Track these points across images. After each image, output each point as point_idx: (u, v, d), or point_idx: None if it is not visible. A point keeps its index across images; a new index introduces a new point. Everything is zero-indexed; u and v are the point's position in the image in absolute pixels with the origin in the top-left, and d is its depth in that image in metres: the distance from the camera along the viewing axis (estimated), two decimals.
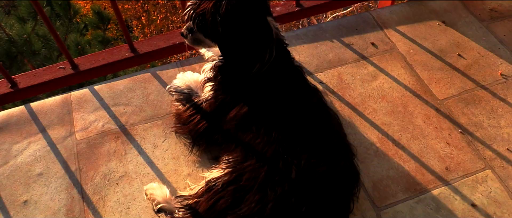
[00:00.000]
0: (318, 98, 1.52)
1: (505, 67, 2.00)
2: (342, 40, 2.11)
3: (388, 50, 2.07)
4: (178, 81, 1.74)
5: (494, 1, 2.33)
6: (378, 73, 1.97)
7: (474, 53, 2.06)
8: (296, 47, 2.07)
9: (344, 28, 2.17)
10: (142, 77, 1.96)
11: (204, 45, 1.54)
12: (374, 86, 1.92)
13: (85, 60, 1.98)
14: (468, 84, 1.93)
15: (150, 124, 1.79)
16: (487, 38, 2.13)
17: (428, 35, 2.14)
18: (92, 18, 4.85)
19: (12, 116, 1.84)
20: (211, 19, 1.29)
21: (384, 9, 2.28)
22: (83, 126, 1.80)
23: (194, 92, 1.65)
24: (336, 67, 2.00)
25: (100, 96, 1.90)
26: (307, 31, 2.15)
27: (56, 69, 1.96)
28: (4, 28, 4.08)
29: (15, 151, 1.72)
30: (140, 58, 1.98)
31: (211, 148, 1.63)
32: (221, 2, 1.25)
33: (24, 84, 1.92)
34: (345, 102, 1.86)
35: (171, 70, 1.98)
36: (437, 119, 1.79)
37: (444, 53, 2.06)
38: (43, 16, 1.74)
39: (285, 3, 2.17)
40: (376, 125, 1.77)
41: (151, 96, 1.89)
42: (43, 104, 1.88)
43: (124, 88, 1.93)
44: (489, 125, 1.78)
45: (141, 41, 2.02)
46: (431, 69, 1.99)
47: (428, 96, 1.88)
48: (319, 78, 1.95)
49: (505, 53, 2.06)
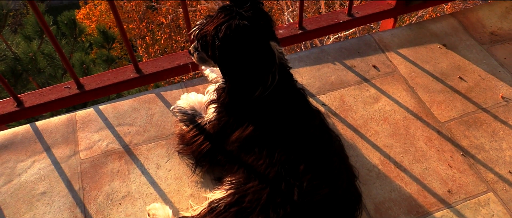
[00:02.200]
0: (320, 120, 1.53)
1: (506, 90, 2.02)
2: (344, 62, 2.14)
3: (389, 73, 2.10)
4: (182, 102, 1.76)
5: (494, 25, 2.36)
6: (380, 95, 1.99)
7: (475, 76, 2.09)
8: (299, 69, 2.10)
9: (346, 50, 2.20)
10: (146, 97, 1.99)
11: (209, 64, 1.57)
12: (376, 109, 1.94)
13: (90, 80, 2.01)
14: (469, 107, 1.95)
15: (153, 144, 1.80)
16: (487, 61, 2.16)
17: (429, 58, 2.17)
18: (97, 37, 4.91)
19: (17, 135, 1.86)
20: (211, 42, 1.32)
21: (385, 32, 2.32)
22: (87, 145, 1.81)
23: (198, 113, 1.68)
24: (338, 89, 2.02)
25: (104, 116, 1.92)
26: (310, 54, 2.18)
27: (62, 89, 1.99)
28: (10, 46, 4.14)
29: (19, 170, 1.73)
30: (145, 78, 2.01)
31: (214, 169, 1.64)
32: (221, 27, 1.28)
33: (30, 103, 1.95)
34: (347, 124, 1.87)
35: (175, 91, 2.01)
36: (439, 142, 1.80)
37: (445, 76, 2.08)
38: (50, 35, 1.77)
39: (288, 26, 2.21)
40: (378, 147, 1.78)
41: (155, 117, 1.91)
42: (49, 123, 1.90)
43: (129, 108, 1.95)
44: (491, 147, 1.79)
45: (146, 62, 2.06)
46: (432, 91, 2.01)
47: (429, 119, 1.89)
48: (321, 100, 1.97)
49: (506, 76, 2.08)
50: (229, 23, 1.27)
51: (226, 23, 1.27)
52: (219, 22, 1.29)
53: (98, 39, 4.85)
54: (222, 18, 1.30)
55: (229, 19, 1.28)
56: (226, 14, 1.31)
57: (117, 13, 1.82)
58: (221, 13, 1.32)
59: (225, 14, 1.31)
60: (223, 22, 1.28)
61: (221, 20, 1.29)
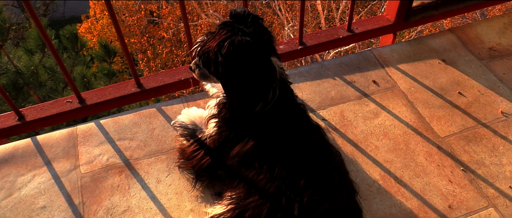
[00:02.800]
0: (320, 135, 1.54)
1: (505, 105, 2.03)
2: (344, 77, 2.15)
3: (389, 88, 2.11)
4: (182, 116, 1.77)
5: (493, 40, 2.38)
6: (380, 110, 2.00)
7: (474, 91, 2.10)
8: (299, 84, 2.11)
9: (346, 66, 2.22)
10: (147, 112, 1.99)
11: (210, 80, 1.59)
12: (376, 124, 1.94)
13: (92, 94, 2.02)
14: (469, 122, 1.96)
15: (154, 159, 1.81)
16: (486, 77, 2.17)
17: (428, 73, 2.18)
18: (98, 51, 4.94)
19: (18, 149, 1.86)
20: (213, 58, 1.33)
21: (385, 48, 2.34)
22: (88, 159, 1.82)
23: (199, 128, 1.68)
24: (338, 105, 2.03)
25: (105, 130, 1.92)
26: (310, 69, 2.19)
27: (63, 103, 2.00)
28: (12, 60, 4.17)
29: (19, 184, 1.73)
30: (146, 93, 2.02)
31: (214, 183, 1.64)
32: (224, 43, 1.29)
33: (32, 117, 1.95)
34: (347, 139, 1.88)
35: (176, 105, 2.02)
36: (439, 157, 1.81)
37: (445, 91, 2.09)
38: (52, 48, 1.79)
39: (289, 41, 2.23)
40: (378, 162, 1.78)
41: (156, 131, 1.92)
42: (49, 137, 1.91)
43: (130, 122, 1.96)
44: (491, 163, 1.79)
45: (147, 76, 2.07)
46: (432, 106, 2.02)
47: (429, 134, 1.90)
48: (321, 115, 1.98)
49: (505, 91, 2.09)
50: (231, 39, 1.28)
51: (228, 39, 1.28)
52: (221, 39, 1.31)
53: (100, 53, 4.89)
54: (224, 34, 1.31)
55: (231, 35, 1.30)
56: (227, 30, 1.32)
57: (119, 28, 1.84)
58: (223, 29, 1.34)
59: (227, 30, 1.33)
60: (226, 39, 1.30)
61: (223, 37, 1.31)
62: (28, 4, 1.60)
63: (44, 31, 1.73)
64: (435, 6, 2.39)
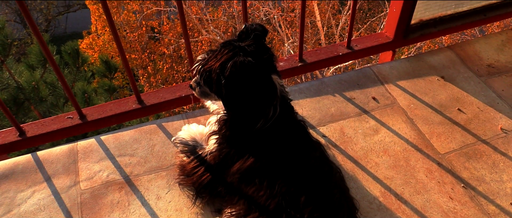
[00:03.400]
0: (320, 152, 1.54)
1: (504, 121, 2.04)
2: (344, 94, 2.17)
3: (389, 105, 2.12)
4: (183, 133, 1.77)
5: (491, 57, 2.40)
6: (380, 127, 2.01)
7: (474, 107, 2.11)
8: (299, 101, 2.12)
9: (345, 82, 2.23)
10: (147, 128, 2.00)
11: (211, 98, 1.59)
12: (376, 140, 1.95)
13: (93, 111, 2.03)
14: (469, 139, 1.96)
15: (154, 175, 1.81)
16: (485, 93, 2.18)
17: (428, 90, 2.19)
18: (99, 67, 4.97)
19: (18, 164, 1.86)
20: (216, 78, 1.34)
21: (384, 65, 2.35)
22: (88, 176, 1.81)
23: (199, 144, 1.69)
24: (338, 121, 2.04)
25: (106, 146, 1.93)
26: (310, 86, 2.20)
27: (64, 119, 2.01)
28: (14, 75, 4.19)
29: (19, 200, 1.73)
30: (146, 109, 2.03)
31: (214, 200, 1.64)
32: (226, 64, 1.30)
33: (32, 133, 1.96)
34: (347, 155, 1.88)
35: (176, 121, 2.02)
36: (439, 173, 1.81)
37: (444, 108, 2.10)
38: (53, 64, 1.80)
39: (289, 58, 2.24)
40: (379, 179, 1.78)
41: (156, 147, 1.92)
42: (50, 153, 1.91)
43: (130, 138, 1.96)
44: (491, 179, 1.79)
45: (148, 93, 2.08)
46: (431, 123, 2.03)
47: (429, 150, 1.90)
48: (321, 132, 1.98)
49: (504, 108, 2.10)
50: (234, 60, 1.28)
51: (231, 60, 1.29)
52: (223, 59, 1.32)
53: (101, 69, 4.91)
54: (226, 53, 1.33)
55: (233, 55, 1.31)
56: (229, 49, 1.34)
57: (120, 44, 1.85)
58: (225, 48, 1.35)
59: (228, 49, 1.34)
60: (228, 59, 1.30)
61: (225, 57, 1.32)
62: (30, 20, 1.62)
63: (46, 47, 1.75)
64: (434, 24, 2.41)
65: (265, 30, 1.41)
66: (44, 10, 15.33)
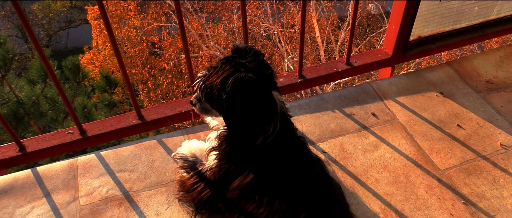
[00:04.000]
0: (320, 168, 1.54)
1: (504, 137, 2.04)
2: (344, 110, 2.17)
3: (388, 121, 2.13)
4: (183, 148, 1.77)
5: (490, 73, 2.42)
6: (380, 143, 2.01)
7: (473, 123, 2.11)
8: (299, 117, 2.13)
9: (345, 98, 2.24)
10: (147, 144, 2.00)
11: (211, 114, 1.60)
12: (376, 156, 1.95)
13: (93, 126, 2.03)
14: (468, 154, 1.96)
15: (154, 191, 1.80)
16: (485, 109, 2.19)
17: (427, 106, 2.20)
18: (100, 82, 4.99)
19: (18, 180, 1.86)
20: (217, 94, 1.35)
21: (383, 81, 2.37)
22: (88, 191, 1.81)
23: (199, 160, 1.69)
24: (338, 137, 2.04)
25: (105, 162, 1.93)
26: (310, 102, 2.21)
27: (64, 134, 2.01)
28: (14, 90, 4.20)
29: (18, 215, 1.72)
30: (147, 125, 2.04)
31: (214, 216, 1.62)
32: (228, 80, 1.31)
33: (32, 148, 1.96)
34: (347, 171, 1.88)
35: (176, 137, 2.03)
36: (439, 190, 1.80)
37: (444, 124, 2.11)
38: (55, 79, 1.81)
39: (289, 74, 2.26)
40: (379, 195, 1.78)
41: (156, 163, 1.92)
42: (50, 169, 1.90)
43: (130, 154, 1.96)
44: (492, 195, 1.78)
45: (148, 108, 2.09)
46: (431, 139, 2.03)
47: (429, 166, 1.90)
48: (321, 148, 1.99)
49: (503, 124, 2.11)
50: (235, 76, 1.29)
51: (232, 76, 1.30)
52: (224, 75, 1.33)
53: (101, 84, 4.93)
54: (227, 70, 1.34)
55: (234, 71, 1.32)
56: (230, 66, 1.35)
57: (121, 59, 1.87)
58: (225, 64, 1.36)
59: (229, 65, 1.35)
60: (229, 75, 1.31)
61: (226, 73, 1.33)
62: (32, 35, 1.63)
63: (48, 62, 1.76)
64: (432, 40, 2.44)
65: (250, 49, 1.42)
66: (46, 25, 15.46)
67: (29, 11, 14.87)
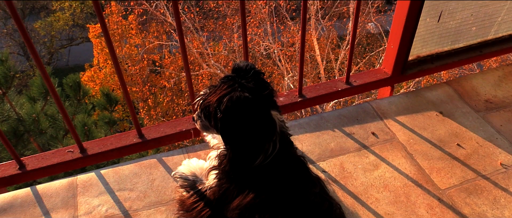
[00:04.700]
0: (320, 187, 1.54)
1: (504, 156, 2.04)
2: (343, 129, 2.18)
3: (388, 140, 2.13)
4: (183, 167, 1.77)
5: (488, 93, 2.43)
6: (380, 162, 2.01)
7: (473, 143, 2.11)
8: (299, 136, 2.13)
9: (345, 117, 2.25)
10: (148, 162, 2.00)
11: (211, 132, 1.60)
12: (376, 176, 1.95)
13: (93, 144, 2.03)
14: (469, 174, 1.96)
15: (153, 210, 1.79)
16: (484, 128, 2.19)
17: (426, 125, 2.21)
18: (100, 100, 5.01)
19: (17, 198, 1.85)
20: (213, 113, 1.36)
21: (383, 100, 2.38)
22: (87, 210, 1.80)
23: (199, 179, 1.68)
24: (338, 156, 2.04)
25: (105, 181, 1.92)
26: (310, 121, 2.22)
27: (65, 152, 2.01)
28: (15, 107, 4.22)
29: None
30: (147, 144, 2.04)
31: None
32: (223, 99, 1.32)
33: (32, 166, 1.96)
34: (347, 191, 1.87)
35: (176, 156, 2.03)
36: (440, 209, 1.79)
37: (444, 143, 2.11)
38: (56, 98, 1.81)
39: (289, 93, 2.27)
40: (379, 215, 1.77)
41: (156, 182, 1.91)
42: (49, 187, 1.90)
43: (130, 173, 1.96)
44: (493, 215, 1.78)
45: (148, 127, 2.10)
46: (431, 158, 2.03)
47: (429, 186, 1.90)
48: (321, 167, 1.99)
49: (503, 143, 2.11)
50: (230, 95, 1.31)
51: (228, 95, 1.32)
52: (221, 94, 1.34)
53: (101, 101, 4.95)
54: (225, 89, 1.35)
55: (231, 91, 1.33)
56: (228, 85, 1.36)
57: (122, 77, 1.87)
58: (224, 84, 1.37)
59: (227, 85, 1.36)
60: (225, 94, 1.33)
61: (224, 92, 1.34)
62: (34, 53, 1.64)
63: (49, 80, 1.77)
64: (431, 60, 2.46)
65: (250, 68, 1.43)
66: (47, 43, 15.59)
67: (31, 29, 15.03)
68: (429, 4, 2.18)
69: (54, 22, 15.33)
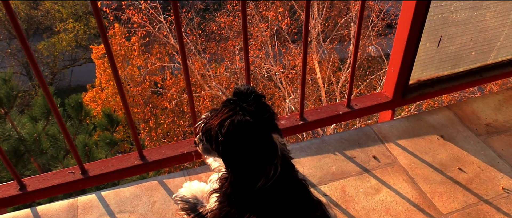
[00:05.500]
0: (322, 211, 1.53)
1: (506, 181, 2.03)
2: (345, 153, 2.18)
3: (389, 164, 2.13)
4: (184, 190, 1.77)
5: (489, 117, 2.44)
6: (381, 186, 2.00)
7: (475, 167, 2.11)
8: (300, 159, 2.13)
9: (346, 141, 2.25)
10: (148, 184, 2.00)
11: (213, 155, 1.61)
12: (378, 200, 1.94)
13: (95, 166, 2.04)
14: (471, 199, 1.95)
15: None
16: (485, 153, 2.19)
17: (428, 149, 2.21)
18: (101, 120, 5.02)
19: None
20: (215, 136, 1.36)
21: (384, 123, 2.39)
22: None
23: (200, 202, 1.68)
24: (340, 180, 2.04)
25: (106, 202, 1.92)
26: (311, 144, 2.23)
27: (66, 174, 2.01)
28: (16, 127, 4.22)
29: None
30: (148, 166, 2.04)
31: None
32: (224, 123, 1.33)
33: (33, 187, 1.95)
34: (349, 215, 1.86)
35: (177, 178, 2.03)
36: None
37: (445, 167, 2.11)
38: (59, 118, 1.82)
39: (290, 116, 2.28)
40: None
41: (157, 204, 1.91)
42: (49, 208, 1.89)
43: (131, 195, 1.95)
44: None
45: (150, 149, 2.10)
46: (433, 182, 2.02)
47: (432, 210, 1.88)
48: (322, 191, 1.98)
49: (504, 167, 2.11)
50: (232, 119, 1.31)
51: (229, 119, 1.32)
52: (223, 117, 1.35)
53: (103, 122, 4.96)
54: (226, 113, 1.36)
55: (233, 114, 1.34)
56: (230, 108, 1.37)
57: (125, 98, 1.89)
58: (225, 107, 1.38)
59: (229, 108, 1.37)
60: (227, 118, 1.33)
61: (225, 115, 1.35)
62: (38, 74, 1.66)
63: (52, 100, 1.78)
64: (431, 84, 2.48)
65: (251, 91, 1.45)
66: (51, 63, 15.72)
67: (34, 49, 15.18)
68: (429, 30, 2.22)
69: (57, 43, 15.50)
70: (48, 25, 16.21)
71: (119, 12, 11.68)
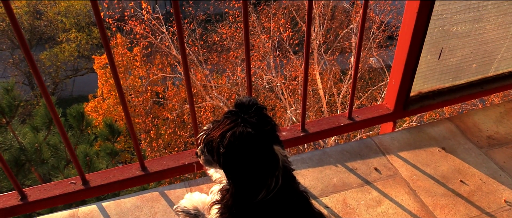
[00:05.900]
0: None
1: (508, 193, 2.03)
2: (346, 165, 2.18)
3: (391, 176, 2.13)
4: (185, 201, 1.77)
5: (490, 129, 2.43)
6: (383, 198, 2.00)
7: (476, 179, 2.10)
8: (301, 171, 2.13)
9: (347, 153, 2.25)
10: (150, 195, 1.99)
11: (214, 167, 1.61)
12: (379, 212, 1.93)
13: (96, 176, 2.03)
14: (473, 211, 1.94)
15: None
16: (487, 165, 2.19)
17: (429, 161, 2.21)
18: (103, 130, 5.02)
19: None
20: (216, 148, 1.37)
21: (385, 135, 2.39)
22: None
23: (201, 213, 1.68)
24: (341, 192, 2.03)
25: (107, 213, 1.91)
26: (312, 156, 2.22)
27: (67, 184, 2.01)
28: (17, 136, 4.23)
29: None
30: (150, 176, 2.04)
31: None
32: (226, 134, 1.33)
33: (34, 198, 1.95)
34: None
35: (179, 189, 2.02)
36: None
37: (447, 179, 2.10)
38: (61, 128, 1.83)
39: (291, 128, 2.28)
40: None
41: (158, 216, 1.90)
42: None
43: (132, 206, 1.95)
44: None
45: (151, 160, 2.10)
46: (434, 195, 2.02)
47: None
48: (324, 203, 1.97)
49: (507, 180, 2.10)
50: (233, 130, 1.32)
51: (230, 130, 1.33)
52: (224, 129, 1.35)
53: (104, 132, 4.96)
54: (228, 124, 1.36)
55: (234, 126, 1.34)
56: (231, 120, 1.37)
57: (127, 109, 1.89)
58: (227, 119, 1.39)
59: (230, 120, 1.37)
60: (228, 129, 1.34)
61: (227, 127, 1.35)
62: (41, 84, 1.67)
63: (55, 110, 1.78)
64: (432, 96, 2.48)
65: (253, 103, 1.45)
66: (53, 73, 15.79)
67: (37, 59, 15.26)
68: (430, 42, 2.23)
69: (59, 53, 15.58)
70: (51, 35, 16.31)
71: (122, 23, 11.75)
